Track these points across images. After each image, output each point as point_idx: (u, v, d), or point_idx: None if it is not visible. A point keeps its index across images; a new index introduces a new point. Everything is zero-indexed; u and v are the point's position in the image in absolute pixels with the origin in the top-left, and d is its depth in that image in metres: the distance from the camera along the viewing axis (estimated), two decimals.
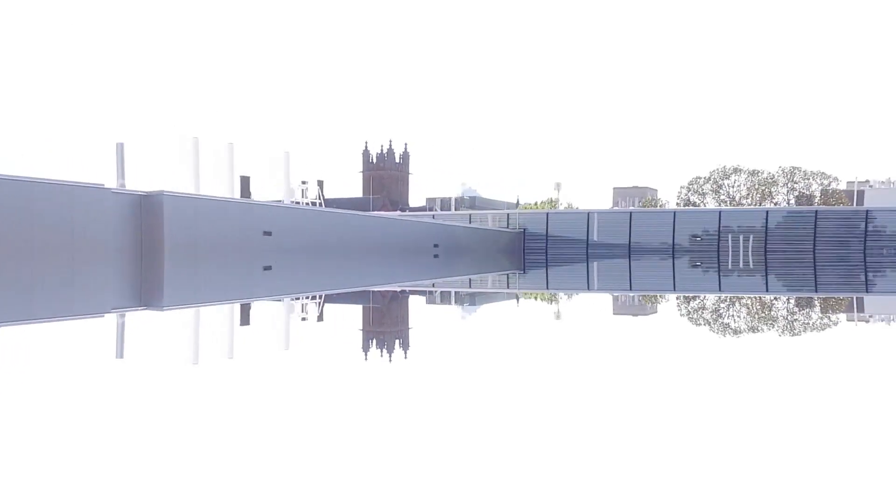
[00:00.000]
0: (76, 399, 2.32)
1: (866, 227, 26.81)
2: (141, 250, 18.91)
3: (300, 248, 23.45)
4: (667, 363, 3.12)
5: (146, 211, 19.86)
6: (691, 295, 6.54)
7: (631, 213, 29.37)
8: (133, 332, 4.14)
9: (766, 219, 28.14)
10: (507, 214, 31.45)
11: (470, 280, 8.31)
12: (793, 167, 51.49)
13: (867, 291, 6.01)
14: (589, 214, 29.96)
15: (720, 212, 28.58)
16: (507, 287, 7.02)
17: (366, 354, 3.43)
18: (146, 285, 6.90)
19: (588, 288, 6.89)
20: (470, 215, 31.61)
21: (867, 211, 26.86)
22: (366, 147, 78.83)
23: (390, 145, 78.26)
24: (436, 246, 28.58)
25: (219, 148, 30.11)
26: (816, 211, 27.66)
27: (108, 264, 14.02)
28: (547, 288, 7.17)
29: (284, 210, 24.59)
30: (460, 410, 2.19)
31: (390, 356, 3.31)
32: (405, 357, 3.29)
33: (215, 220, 21.16)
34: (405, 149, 78.84)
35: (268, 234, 23.14)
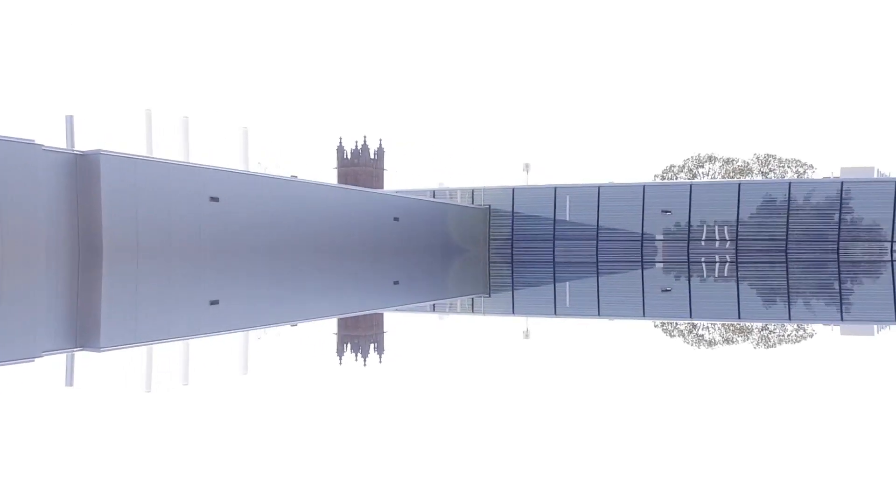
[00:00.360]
0: (27, 432, 2.13)
1: (841, 199, 25.87)
2: (78, 230, 17.49)
3: (249, 218, 22.11)
4: (643, 371, 3.09)
5: (82, 172, 18.45)
6: (661, 321, 6.06)
7: (599, 187, 28.19)
8: (77, 358, 3.82)
9: (739, 192, 27.10)
10: (472, 191, 30.19)
11: (434, 305, 7.69)
12: (767, 154, 50.66)
13: (841, 319, 5.94)
14: (556, 189, 28.77)
15: (691, 185, 27.50)
16: (472, 311, 6.87)
17: (340, 359, 3.37)
18: (82, 315, 6.30)
19: (555, 313, 6.80)
20: (434, 191, 30.34)
21: (842, 182, 25.91)
22: (340, 143, 77.55)
23: (365, 141, 77.07)
24: (396, 219, 27.27)
25: (173, 121, 28.64)
26: (790, 183, 26.68)
27: (39, 271, 12.68)
28: (513, 312, 7.00)
29: (234, 175, 23.04)
30: (436, 415, 2.17)
31: (365, 360, 3.28)
32: (380, 361, 3.25)
33: (158, 184, 19.70)
34: (380, 145, 77.64)
35: (214, 199, 21.80)
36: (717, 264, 21.62)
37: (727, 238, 26.94)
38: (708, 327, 5.22)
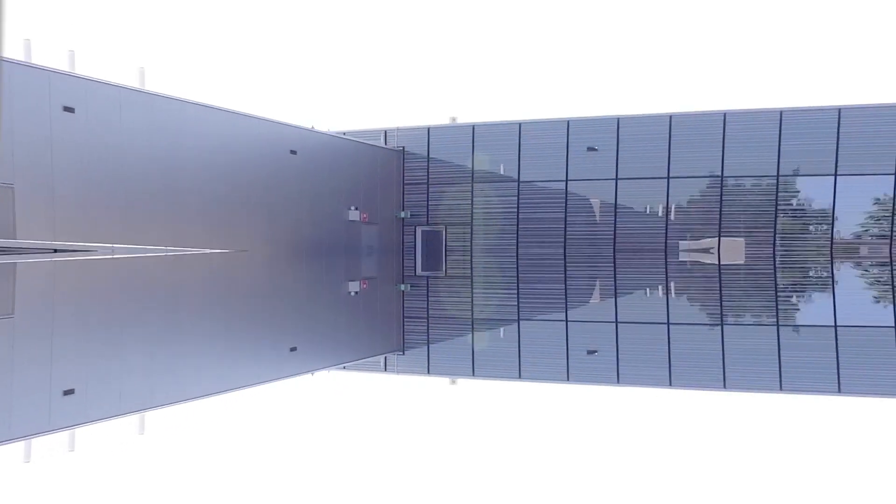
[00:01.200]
0: None
1: (781, 129, 23.43)
2: None
3: (109, 136, 18.92)
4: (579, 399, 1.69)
5: None
6: (586, 385, 5.69)
7: (520, 125, 25.50)
8: None
9: (670, 126, 24.55)
10: (385, 132, 27.32)
11: (345, 367, 6.86)
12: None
13: (781, 388, 5.66)
14: (474, 128, 26.04)
15: (618, 119, 24.95)
16: (385, 370, 6.77)
17: None
18: None
19: (473, 373, 6.52)
20: (345, 132, 27.42)
21: (781, 112, 23.44)
22: None
23: (313, 129, 74.27)
24: (293, 152, 24.24)
25: (57, 55, 25.23)
26: (725, 114, 24.18)
27: None
28: (428, 372, 6.78)
29: (97, 86, 19.73)
30: (388, 420, 1.70)
31: (312, 372, 2.36)
32: (328, 371, 2.03)
33: None
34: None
35: (69, 110, 18.71)
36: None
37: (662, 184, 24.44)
38: None
